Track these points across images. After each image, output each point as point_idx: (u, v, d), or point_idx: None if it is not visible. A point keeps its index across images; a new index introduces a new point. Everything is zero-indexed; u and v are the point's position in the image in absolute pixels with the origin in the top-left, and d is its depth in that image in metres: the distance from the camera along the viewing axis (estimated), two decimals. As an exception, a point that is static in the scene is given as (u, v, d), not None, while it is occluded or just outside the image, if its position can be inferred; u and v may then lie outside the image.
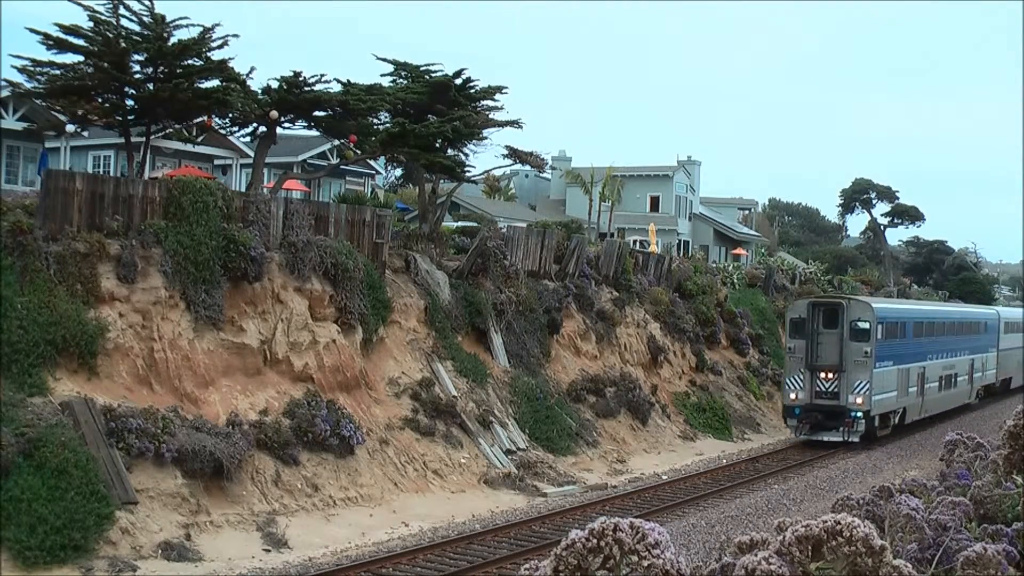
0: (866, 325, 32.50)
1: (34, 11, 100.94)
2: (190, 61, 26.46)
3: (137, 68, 26.20)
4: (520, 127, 35.19)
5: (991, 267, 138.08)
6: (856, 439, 32.55)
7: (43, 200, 19.98)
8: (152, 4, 25.51)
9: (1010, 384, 52.91)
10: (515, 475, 25.38)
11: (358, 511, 21.27)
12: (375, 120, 32.18)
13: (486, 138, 34.80)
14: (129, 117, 27.62)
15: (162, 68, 26.18)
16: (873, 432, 33.12)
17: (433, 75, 33.15)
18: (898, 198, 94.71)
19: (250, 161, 34.32)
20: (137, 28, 25.60)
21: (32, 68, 25.86)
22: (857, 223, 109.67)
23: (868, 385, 32.19)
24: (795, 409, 33.10)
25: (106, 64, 25.19)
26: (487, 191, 67.83)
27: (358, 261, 25.34)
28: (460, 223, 46.22)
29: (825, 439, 32.67)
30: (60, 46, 25.24)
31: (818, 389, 32.73)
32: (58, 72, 25.93)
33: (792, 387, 33.20)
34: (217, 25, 26.09)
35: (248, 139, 36.21)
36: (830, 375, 32.57)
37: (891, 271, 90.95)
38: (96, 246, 20.02)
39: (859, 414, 32.22)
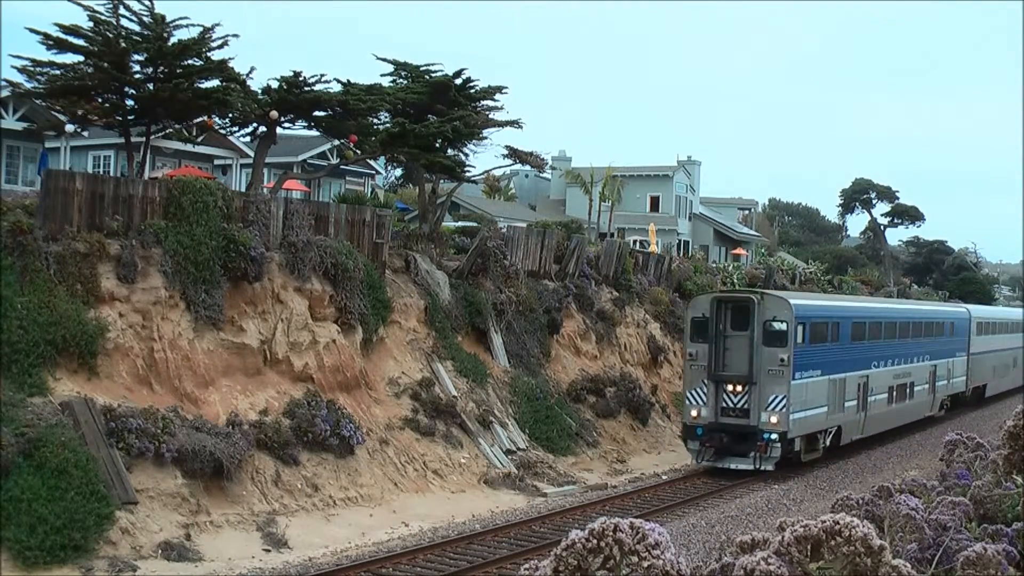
0: (782, 326, 26.29)
1: (34, 11, 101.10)
2: (190, 61, 26.46)
3: (137, 68, 26.20)
4: (520, 127, 35.28)
5: (991, 267, 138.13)
6: (770, 467, 26.48)
7: (43, 200, 19.98)
8: (152, 4, 25.54)
9: (984, 392, 46.44)
10: (515, 475, 25.39)
11: (358, 511, 21.27)
12: (375, 120, 32.19)
13: (486, 138, 34.87)
14: (129, 117, 27.62)
15: (162, 68, 26.19)
16: (794, 457, 27.27)
17: (433, 75, 33.16)
18: (898, 198, 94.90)
19: (250, 161, 34.32)
20: (137, 28, 25.61)
21: (32, 68, 25.86)
22: (857, 223, 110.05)
23: (785, 400, 26.01)
24: (697, 429, 26.91)
25: (106, 64, 25.19)
26: (487, 191, 67.86)
27: (358, 261, 25.34)
28: (460, 223, 46.25)
29: (732, 467, 26.70)
30: (60, 46, 25.24)
31: (724, 405, 26.70)
32: (58, 72, 25.93)
33: (693, 402, 27.04)
34: (217, 25, 26.14)
35: (248, 139, 36.22)
36: (738, 388, 26.55)
37: (891, 271, 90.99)
38: (96, 246, 20.03)
39: (773, 436, 26.05)
